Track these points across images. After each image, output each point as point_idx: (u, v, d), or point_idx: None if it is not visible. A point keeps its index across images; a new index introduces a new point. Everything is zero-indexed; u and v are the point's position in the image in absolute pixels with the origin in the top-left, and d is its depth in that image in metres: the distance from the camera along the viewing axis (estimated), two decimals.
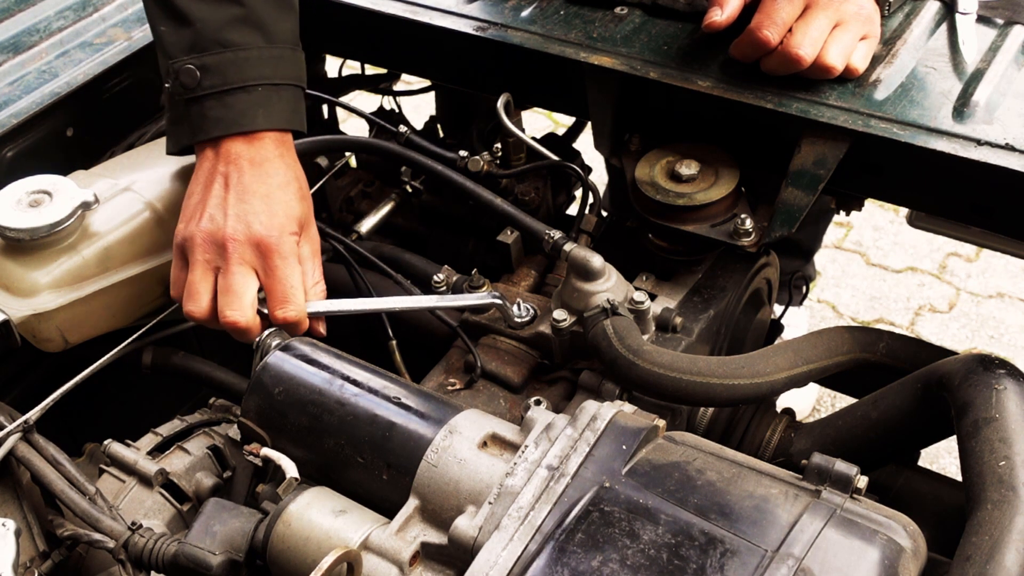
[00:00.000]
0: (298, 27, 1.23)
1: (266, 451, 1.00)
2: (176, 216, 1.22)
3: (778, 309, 1.56)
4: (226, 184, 1.14)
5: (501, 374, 1.21)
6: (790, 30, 1.19)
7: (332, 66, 1.77)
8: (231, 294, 1.12)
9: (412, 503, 0.92)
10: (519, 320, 1.24)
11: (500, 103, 1.36)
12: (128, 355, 1.18)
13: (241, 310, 1.12)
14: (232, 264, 1.12)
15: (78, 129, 1.36)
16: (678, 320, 1.23)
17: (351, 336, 1.49)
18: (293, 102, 1.20)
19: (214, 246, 1.12)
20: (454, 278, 1.31)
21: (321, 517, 0.92)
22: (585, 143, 1.55)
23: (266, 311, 1.13)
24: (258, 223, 1.12)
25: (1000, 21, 1.31)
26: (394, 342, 1.30)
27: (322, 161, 1.52)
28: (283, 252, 1.13)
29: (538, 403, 1.06)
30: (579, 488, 0.86)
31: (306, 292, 1.16)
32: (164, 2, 1.17)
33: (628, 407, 0.96)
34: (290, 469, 0.97)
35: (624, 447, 0.89)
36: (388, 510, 0.93)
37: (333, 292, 1.22)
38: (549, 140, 1.59)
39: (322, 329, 1.18)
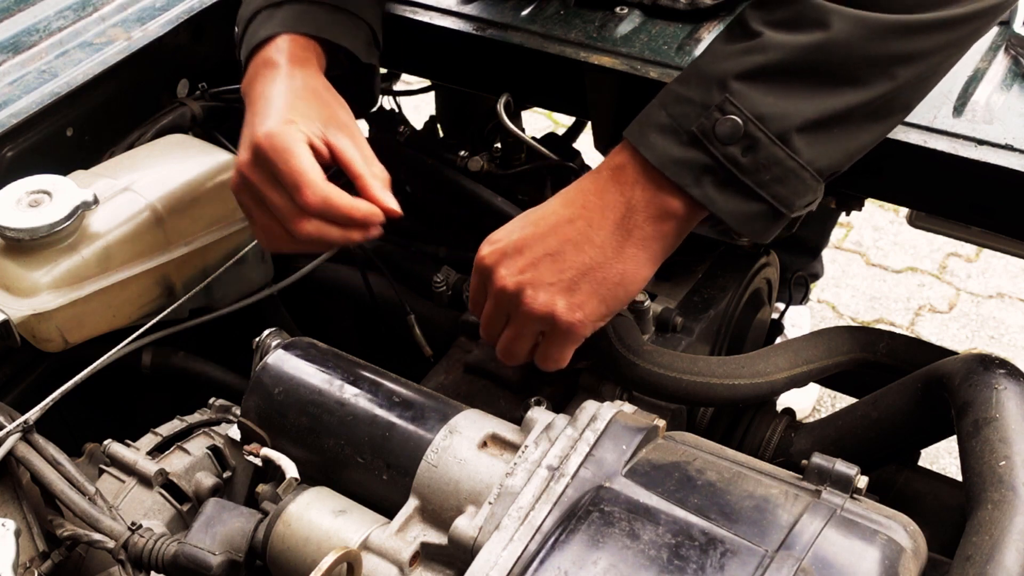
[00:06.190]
0: None
1: (266, 451, 1.00)
2: (176, 216, 1.21)
3: (782, 308, 1.56)
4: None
5: (501, 374, 1.21)
6: None
7: None
8: None
9: (412, 503, 0.92)
10: None
11: (500, 103, 1.35)
12: (128, 355, 1.18)
13: None
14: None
15: (78, 129, 1.35)
16: (678, 320, 1.23)
17: (350, 328, 1.49)
18: (297, 12, 1.19)
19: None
20: (453, 278, 1.31)
21: (321, 517, 0.92)
22: (585, 143, 1.55)
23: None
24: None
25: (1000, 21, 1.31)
26: (412, 316, 1.30)
27: None
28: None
29: (538, 403, 1.05)
30: (579, 488, 0.86)
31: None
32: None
33: (628, 407, 0.96)
34: (290, 469, 0.97)
35: (624, 447, 0.89)
36: (388, 510, 0.93)
37: (338, 292, 1.22)
38: (549, 140, 1.58)
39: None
